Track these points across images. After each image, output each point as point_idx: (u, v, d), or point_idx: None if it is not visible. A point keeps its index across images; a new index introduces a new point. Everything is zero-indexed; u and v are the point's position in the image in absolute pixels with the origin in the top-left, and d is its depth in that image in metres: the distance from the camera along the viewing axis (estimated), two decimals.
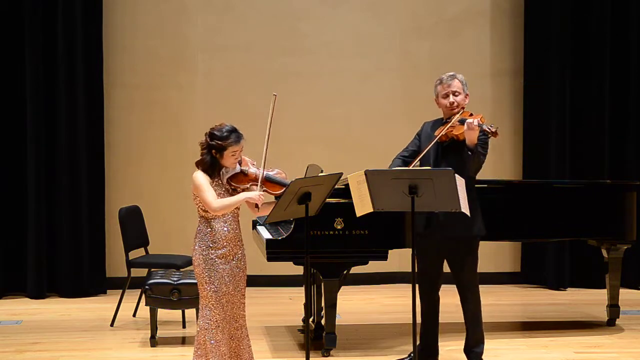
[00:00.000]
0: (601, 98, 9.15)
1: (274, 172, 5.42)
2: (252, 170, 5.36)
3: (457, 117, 5.93)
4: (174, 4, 9.20)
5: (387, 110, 9.24)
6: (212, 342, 5.30)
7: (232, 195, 5.31)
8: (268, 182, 5.35)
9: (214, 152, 5.27)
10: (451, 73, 6.10)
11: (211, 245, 5.29)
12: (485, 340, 6.13)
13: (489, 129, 5.71)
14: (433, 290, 6.13)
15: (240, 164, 5.36)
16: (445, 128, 5.90)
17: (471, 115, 5.94)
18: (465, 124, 5.76)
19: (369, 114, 9.29)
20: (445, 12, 9.39)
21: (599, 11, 9.10)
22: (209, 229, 5.31)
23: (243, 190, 5.32)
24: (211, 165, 5.29)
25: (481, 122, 5.76)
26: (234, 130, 5.28)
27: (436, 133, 5.96)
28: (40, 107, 8.71)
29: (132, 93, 9.14)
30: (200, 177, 5.27)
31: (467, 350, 6.15)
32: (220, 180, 5.31)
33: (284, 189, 5.30)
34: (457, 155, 5.85)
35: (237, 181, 5.33)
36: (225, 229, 5.30)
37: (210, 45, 9.22)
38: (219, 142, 5.23)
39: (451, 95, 6.02)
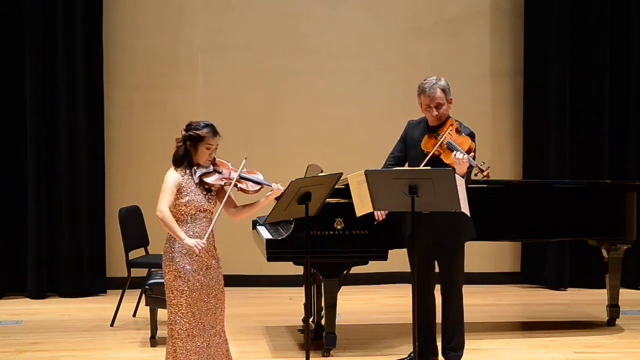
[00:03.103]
0: (601, 98, 9.15)
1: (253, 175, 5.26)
2: (225, 171, 5.20)
3: (444, 135, 5.77)
4: (174, 4, 9.20)
5: (387, 110, 9.23)
6: (182, 351, 5.12)
7: (204, 194, 5.13)
8: (243, 180, 5.20)
9: (189, 145, 5.15)
10: (433, 81, 5.90)
11: (182, 251, 5.10)
12: (486, 340, 6.11)
13: (480, 167, 5.57)
14: (424, 289, 6.06)
15: (214, 165, 5.22)
16: (434, 147, 5.78)
17: (457, 130, 5.83)
18: (454, 157, 5.60)
19: (369, 114, 9.28)
20: (445, 12, 9.38)
21: (599, 11, 9.10)
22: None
23: (215, 187, 5.17)
24: (183, 155, 5.15)
25: (470, 156, 5.60)
26: (211, 125, 5.18)
27: (425, 148, 5.85)
28: (40, 107, 8.71)
29: (132, 93, 9.14)
30: (170, 176, 5.13)
31: (446, 352, 6.08)
32: (192, 177, 5.14)
33: (260, 187, 5.19)
34: (444, 167, 5.73)
35: (209, 178, 5.16)
36: (197, 235, 5.11)
37: (210, 45, 9.22)
38: (195, 132, 5.13)
39: (434, 109, 5.89)
